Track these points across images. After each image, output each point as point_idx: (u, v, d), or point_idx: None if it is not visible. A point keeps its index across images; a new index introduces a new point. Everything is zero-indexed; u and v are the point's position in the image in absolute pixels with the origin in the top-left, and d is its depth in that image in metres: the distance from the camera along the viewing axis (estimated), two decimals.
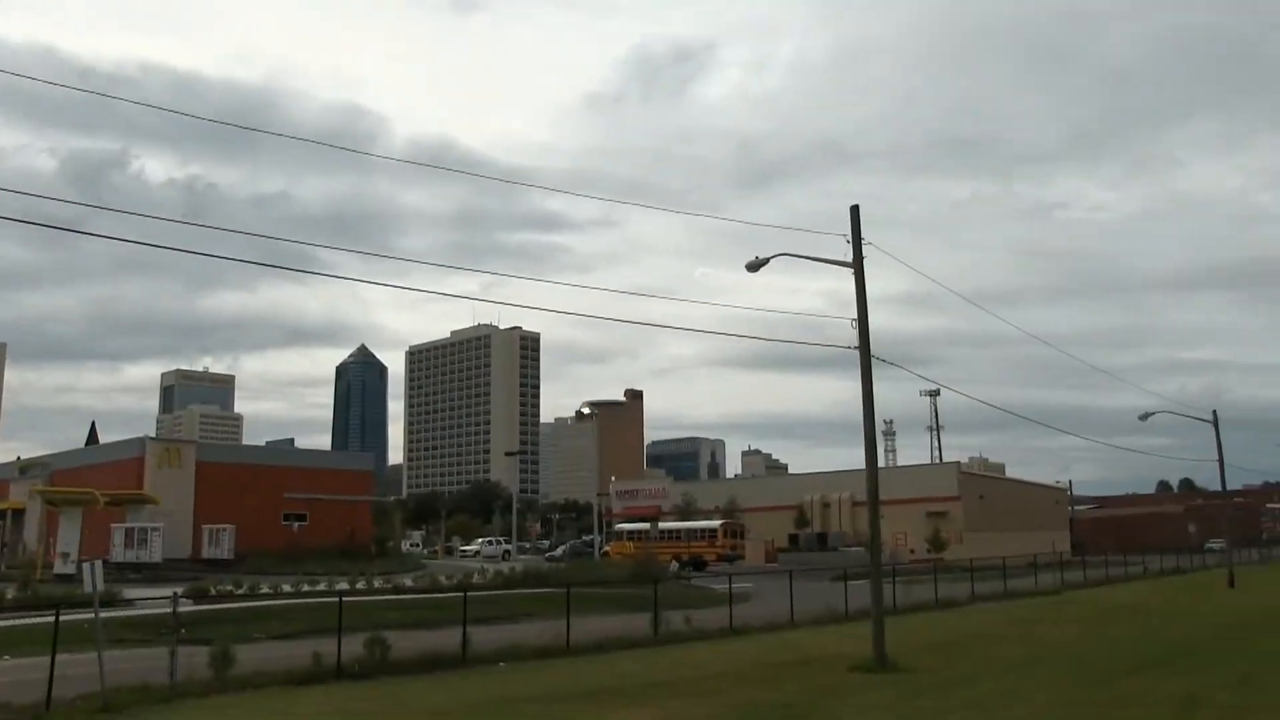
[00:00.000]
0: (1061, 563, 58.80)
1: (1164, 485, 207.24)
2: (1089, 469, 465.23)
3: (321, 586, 42.26)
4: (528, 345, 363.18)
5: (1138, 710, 16.20)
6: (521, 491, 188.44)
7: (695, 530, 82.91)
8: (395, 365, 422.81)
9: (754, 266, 24.11)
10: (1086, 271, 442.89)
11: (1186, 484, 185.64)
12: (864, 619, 25.08)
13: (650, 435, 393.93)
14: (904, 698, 17.57)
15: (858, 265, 23.40)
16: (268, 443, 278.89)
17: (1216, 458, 57.46)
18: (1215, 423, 56.84)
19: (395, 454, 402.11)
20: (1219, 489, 62.54)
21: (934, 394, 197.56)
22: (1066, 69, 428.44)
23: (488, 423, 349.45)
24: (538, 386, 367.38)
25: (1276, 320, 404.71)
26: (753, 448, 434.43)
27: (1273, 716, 15.92)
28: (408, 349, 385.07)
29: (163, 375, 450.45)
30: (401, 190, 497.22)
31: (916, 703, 17.11)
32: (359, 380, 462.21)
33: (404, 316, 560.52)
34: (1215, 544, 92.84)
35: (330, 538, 73.22)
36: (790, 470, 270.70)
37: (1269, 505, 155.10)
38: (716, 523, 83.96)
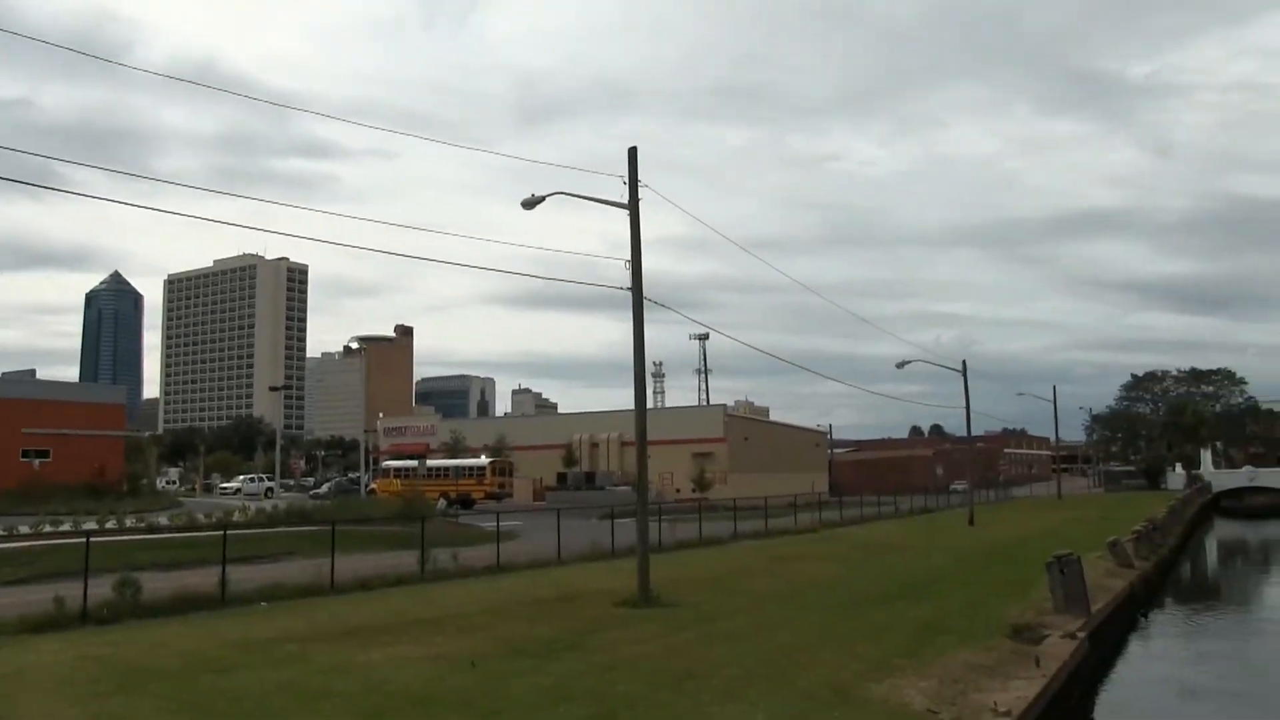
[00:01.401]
0: (820, 503, 61.32)
1: (916, 430, 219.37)
2: (849, 414, 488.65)
3: (66, 527, 40.02)
4: (295, 277, 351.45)
5: (884, 636, 17.13)
6: (286, 427, 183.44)
7: (463, 468, 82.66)
8: (152, 294, 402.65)
9: (530, 204, 23.89)
10: (854, 224, 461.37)
11: (936, 429, 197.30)
12: (630, 556, 25.52)
13: (420, 372, 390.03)
14: (667, 630, 18.00)
15: (633, 207, 23.52)
16: (5, 374, 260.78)
17: (964, 405, 61.07)
18: (964, 373, 60.35)
19: (151, 388, 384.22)
20: (965, 435, 66.43)
21: (703, 338, 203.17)
22: (845, 26, 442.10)
23: (251, 356, 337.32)
24: (305, 320, 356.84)
25: (1021, 280, 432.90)
26: (523, 386, 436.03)
27: (997, 639, 17.10)
28: (166, 277, 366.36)
29: None
30: (159, 107, 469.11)
31: (679, 635, 17.54)
32: (111, 309, 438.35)
33: (162, 243, 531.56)
34: (959, 485, 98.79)
35: (77, 475, 69.20)
36: (560, 409, 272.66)
37: (1007, 450, 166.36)
38: (485, 460, 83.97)
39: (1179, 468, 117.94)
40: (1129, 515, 50.23)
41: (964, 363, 60.42)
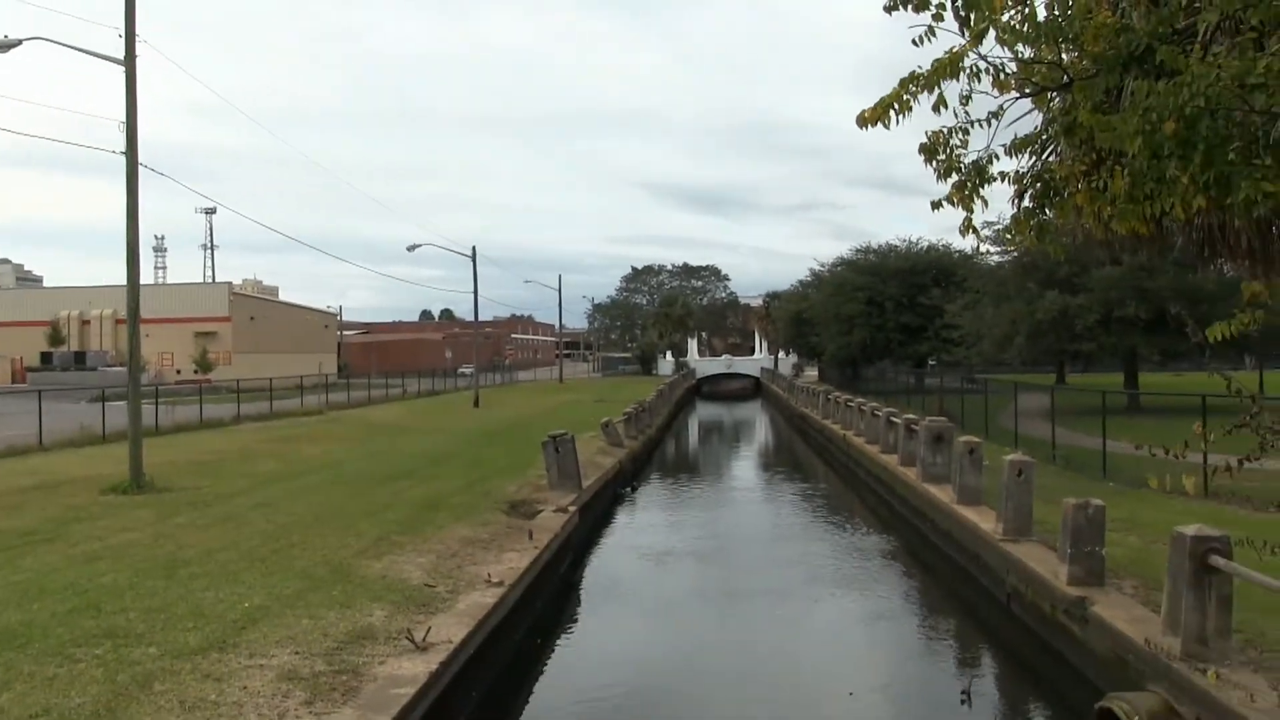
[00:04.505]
0: (327, 384, 60.84)
1: (427, 314, 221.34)
2: (364, 295, 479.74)
3: None
4: None
5: (385, 515, 17.51)
6: None
7: None
8: None
9: (2, 47, 21.43)
10: (382, 101, 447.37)
11: (447, 314, 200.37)
12: (123, 440, 24.11)
13: None
14: (161, 516, 17.34)
15: (129, 63, 21.76)
16: None
17: (473, 290, 62.66)
18: (474, 258, 61.75)
19: None
20: (473, 319, 68.26)
21: (210, 212, 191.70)
22: None
23: None
24: None
25: (542, 170, 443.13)
26: (2, 256, 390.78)
27: (494, 515, 18.05)
28: None
29: None
30: None
31: (172, 520, 16.95)
32: None
33: None
34: (467, 369, 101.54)
35: None
36: (46, 283, 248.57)
37: (514, 335, 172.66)
38: None
39: (669, 355, 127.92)
40: (623, 398, 53.97)
41: (474, 249, 61.92)
